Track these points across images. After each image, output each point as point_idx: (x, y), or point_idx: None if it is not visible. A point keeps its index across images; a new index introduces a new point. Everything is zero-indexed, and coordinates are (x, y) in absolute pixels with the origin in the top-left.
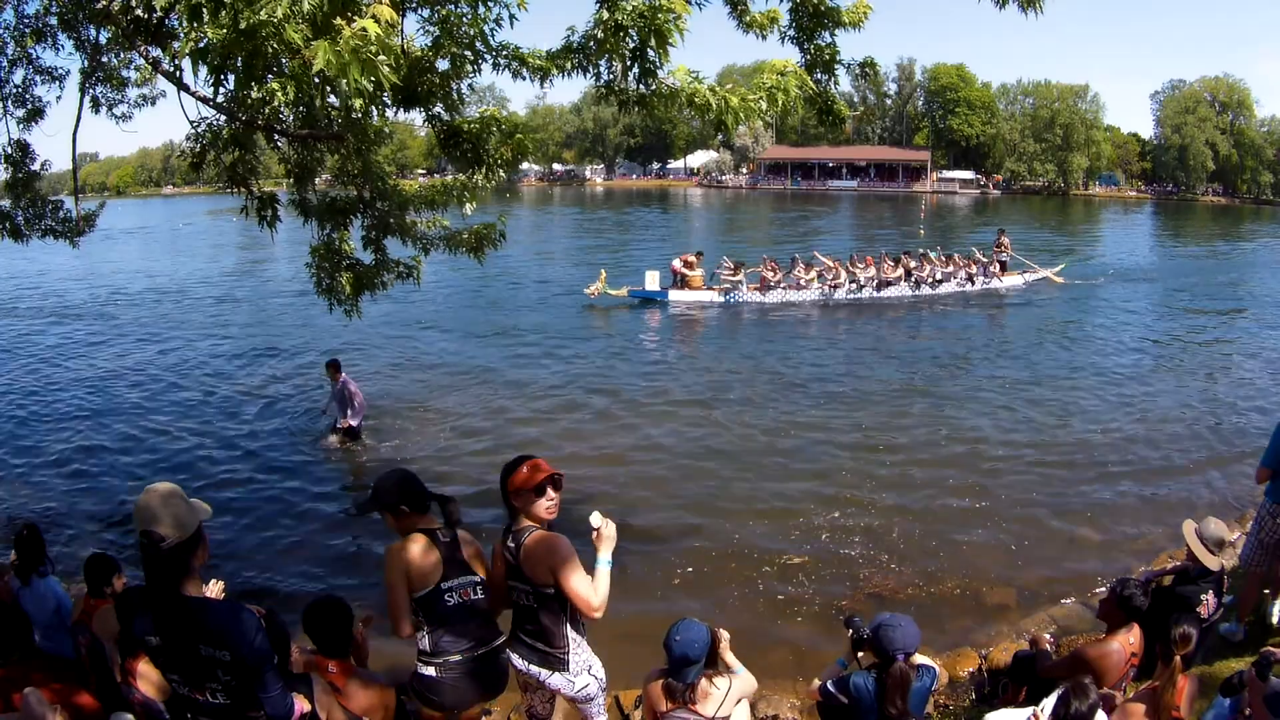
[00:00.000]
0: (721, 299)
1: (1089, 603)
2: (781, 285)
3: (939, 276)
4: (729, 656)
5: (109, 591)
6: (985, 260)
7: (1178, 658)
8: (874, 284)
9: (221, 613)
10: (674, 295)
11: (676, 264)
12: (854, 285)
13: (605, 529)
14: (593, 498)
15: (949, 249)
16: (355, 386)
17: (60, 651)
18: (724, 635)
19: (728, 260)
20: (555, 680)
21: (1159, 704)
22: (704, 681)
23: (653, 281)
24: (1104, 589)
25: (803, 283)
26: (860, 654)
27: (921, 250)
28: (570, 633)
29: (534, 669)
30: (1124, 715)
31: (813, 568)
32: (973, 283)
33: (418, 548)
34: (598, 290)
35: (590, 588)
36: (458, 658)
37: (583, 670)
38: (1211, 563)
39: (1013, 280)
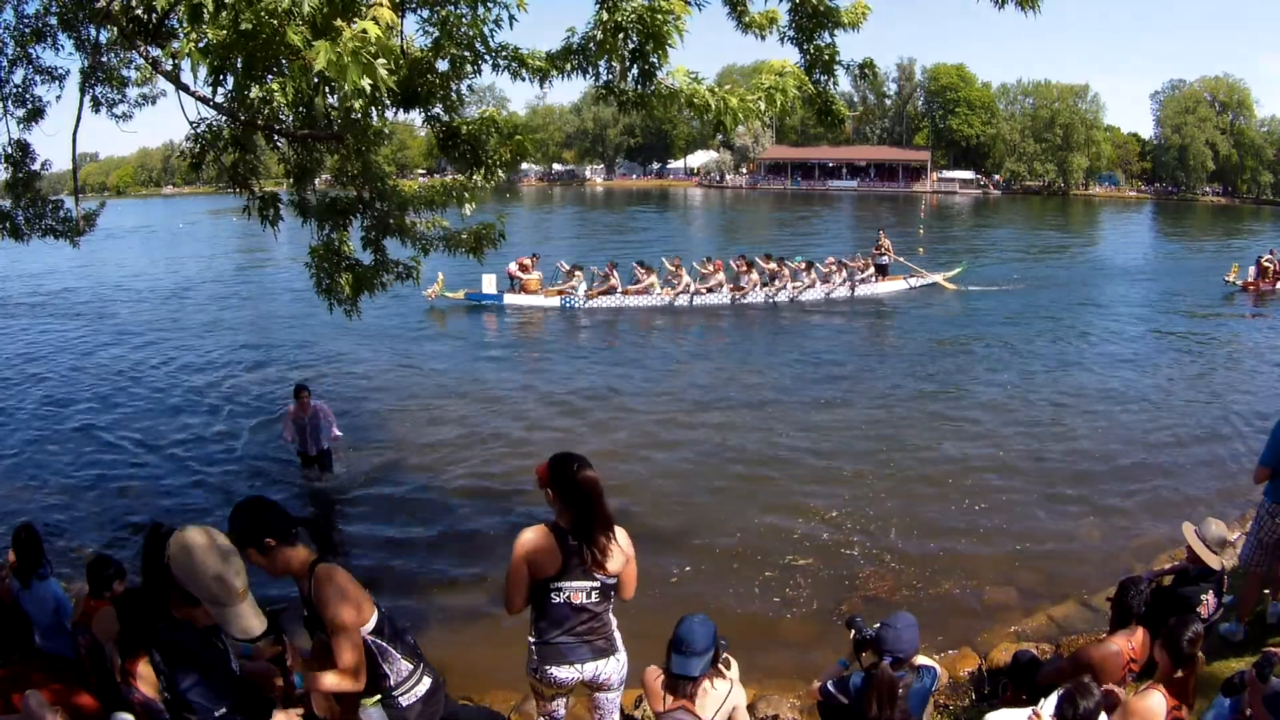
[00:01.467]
0: (559, 303)
1: (1089, 603)
2: (619, 290)
3: (804, 282)
4: (730, 673)
5: (109, 594)
6: (859, 264)
7: (1200, 655)
8: (724, 289)
9: (167, 630)
10: (509, 299)
11: (512, 267)
12: (705, 290)
13: None
14: None
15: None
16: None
17: (60, 652)
18: (730, 658)
19: (563, 264)
20: (609, 667)
21: (1186, 694)
22: (705, 681)
23: (489, 285)
24: (1104, 589)
25: (644, 286)
26: (863, 654)
27: (780, 255)
28: (613, 617)
29: (589, 667)
30: (1126, 715)
31: (813, 568)
32: (852, 288)
33: (347, 575)
34: (435, 292)
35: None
36: (427, 681)
37: (622, 648)
38: (1213, 561)
39: (894, 285)
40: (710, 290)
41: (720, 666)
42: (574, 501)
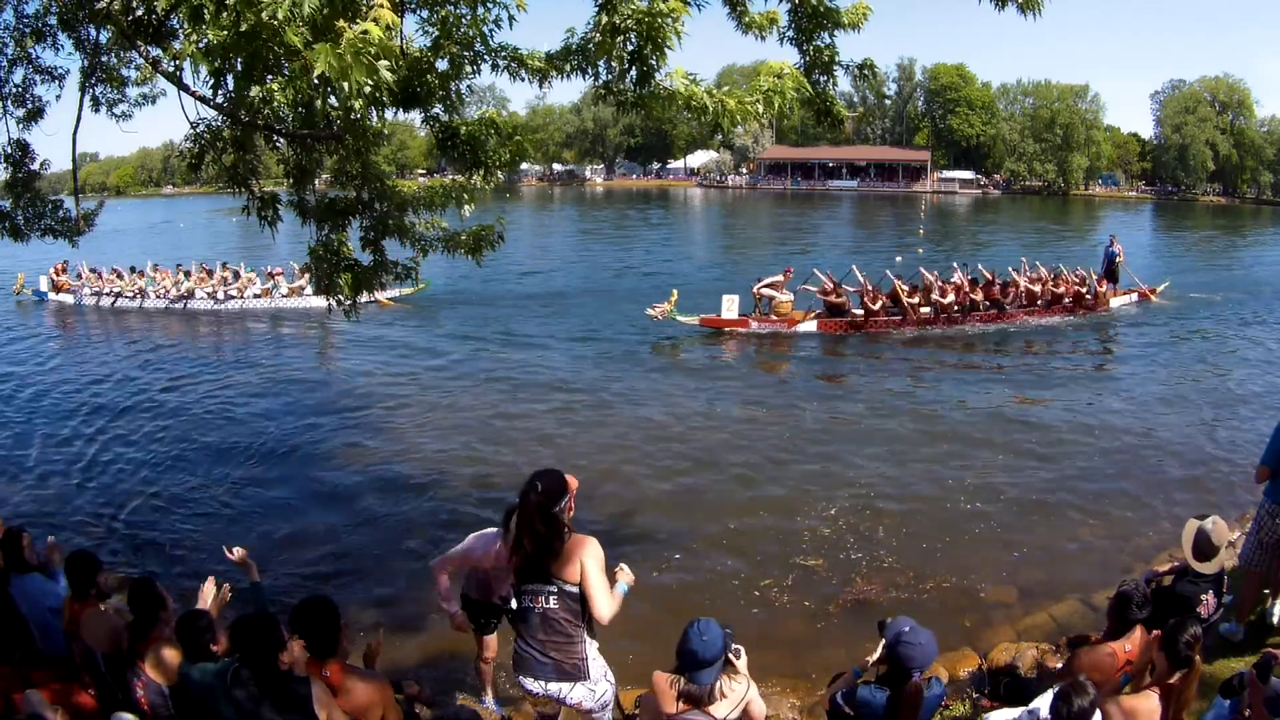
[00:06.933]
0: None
1: (1089, 602)
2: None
3: (255, 291)
4: (741, 664)
5: (93, 592)
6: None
7: (1198, 659)
8: (183, 297)
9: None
10: (52, 297)
11: (50, 272)
12: (174, 294)
13: (627, 571)
14: (589, 500)
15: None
16: None
17: (59, 652)
18: (740, 649)
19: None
20: (577, 693)
21: (1177, 706)
22: (720, 685)
23: (44, 284)
24: (1104, 589)
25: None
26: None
27: (225, 263)
28: (588, 638)
29: (552, 686)
30: (1127, 715)
31: (812, 568)
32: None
33: None
34: (19, 289)
35: (609, 594)
36: None
37: (601, 677)
38: (1203, 568)
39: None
40: (184, 297)
41: (732, 658)
42: (524, 510)
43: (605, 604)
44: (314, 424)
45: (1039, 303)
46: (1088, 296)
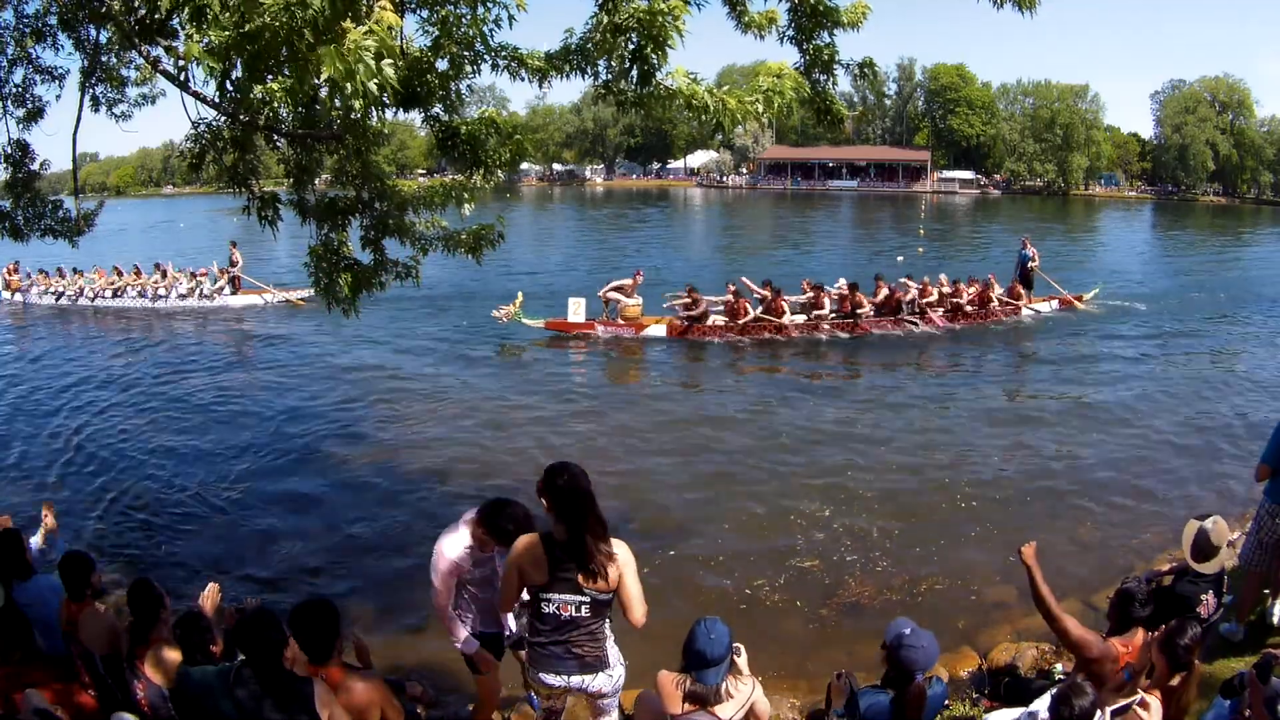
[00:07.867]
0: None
1: (1089, 602)
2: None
3: (181, 291)
4: (742, 662)
5: (89, 593)
6: (221, 275)
7: (1197, 662)
8: (117, 295)
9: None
10: (5, 295)
11: (4, 272)
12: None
13: None
14: None
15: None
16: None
17: (59, 652)
18: (740, 647)
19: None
20: (598, 681)
21: (1177, 708)
22: (729, 681)
23: None
24: (1104, 589)
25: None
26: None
27: (158, 263)
28: (608, 632)
29: (574, 679)
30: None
31: (811, 568)
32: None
33: None
34: None
35: (643, 600)
36: None
37: (617, 662)
38: (1203, 568)
39: (248, 299)
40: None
41: (735, 659)
42: (562, 511)
43: (641, 611)
44: (262, 426)
45: (941, 310)
46: (994, 305)
